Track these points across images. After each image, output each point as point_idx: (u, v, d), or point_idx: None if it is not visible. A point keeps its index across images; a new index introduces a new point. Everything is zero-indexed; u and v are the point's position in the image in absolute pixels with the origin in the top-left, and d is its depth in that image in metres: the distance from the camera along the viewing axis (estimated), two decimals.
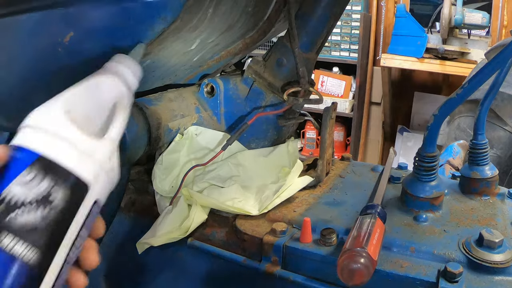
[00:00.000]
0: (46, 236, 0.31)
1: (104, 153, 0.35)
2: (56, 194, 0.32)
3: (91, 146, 0.35)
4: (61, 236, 0.32)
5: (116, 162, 0.37)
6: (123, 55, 0.43)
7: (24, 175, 0.31)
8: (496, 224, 0.61)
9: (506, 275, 0.51)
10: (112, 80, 0.39)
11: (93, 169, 0.34)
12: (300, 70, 0.71)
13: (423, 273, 0.52)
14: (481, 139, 0.71)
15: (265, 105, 0.75)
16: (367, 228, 0.52)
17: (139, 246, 0.66)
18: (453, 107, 0.59)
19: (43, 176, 0.32)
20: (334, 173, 0.82)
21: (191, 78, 0.80)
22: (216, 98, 0.76)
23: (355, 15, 2.84)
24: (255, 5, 0.65)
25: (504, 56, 0.51)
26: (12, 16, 0.47)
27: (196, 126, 0.75)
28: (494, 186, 0.70)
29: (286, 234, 0.60)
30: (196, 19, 0.54)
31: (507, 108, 1.44)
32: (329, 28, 0.75)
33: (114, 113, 0.38)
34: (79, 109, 0.36)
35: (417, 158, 0.64)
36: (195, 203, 0.67)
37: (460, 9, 2.26)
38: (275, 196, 0.66)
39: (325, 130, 0.73)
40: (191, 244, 0.65)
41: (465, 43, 2.42)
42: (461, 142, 1.42)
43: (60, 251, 0.32)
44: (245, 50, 0.76)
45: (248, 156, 0.77)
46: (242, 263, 0.62)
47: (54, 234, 0.32)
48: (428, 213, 0.63)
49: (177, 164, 0.73)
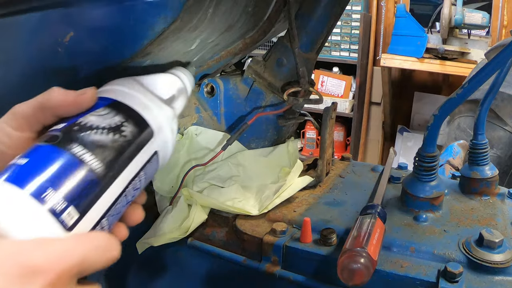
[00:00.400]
0: (112, 155, 0.34)
1: (167, 114, 0.41)
2: (126, 128, 0.36)
3: (159, 105, 0.40)
4: (124, 164, 0.35)
5: (175, 128, 0.42)
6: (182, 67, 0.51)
7: (100, 110, 0.36)
8: (496, 224, 0.61)
9: (506, 275, 0.51)
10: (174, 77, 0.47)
11: (158, 121, 0.39)
12: (300, 70, 0.71)
13: (423, 273, 0.52)
14: (481, 139, 0.71)
15: (265, 105, 0.75)
16: (367, 228, 0.52)
17: (139, 246, 0.66)
18: (453, 107, 0.59)
19: (116, 113, 0.37)
20: (334, 173, 0.82)
21: None
22: (216, 98, 0.76)
23: (355, 15, 2.84)
24: (255, 5, 0.65)
25: (504, 56, 0.51)
26: (12, 16, 0.46)
27: (196, 126, 0.75)
28: (494, 186, 0.70)
29: (286, 234, 0.60)
30: (196, 19, 0.54)
31: (507, 108, 1.44)
32: (329, 28, 0.75)
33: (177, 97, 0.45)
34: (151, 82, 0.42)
35: (417, 158, 0.64)
36: (195, 203, 0.67)
37: (460, 9, 2.26)
38: (275, 196, 0.66)
39: (325, 130, 0.73)
40: (191, 244, 0.65)
41: (465, 43, 2.42)
42: (461, 142, 1.42)
43: (121, 179, 0.35)
44: (245, 50, 0.75)
45: (248, 156, 0.77)
46: (242, 263, 0.62)
47: (119, 159, 0.35)
48: (428, 213, 0.63)
49: (177, 164, 0.73)
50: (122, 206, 0.36)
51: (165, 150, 0.41)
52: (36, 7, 0.45)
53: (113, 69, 0.51)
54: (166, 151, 0.41)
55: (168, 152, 0.42)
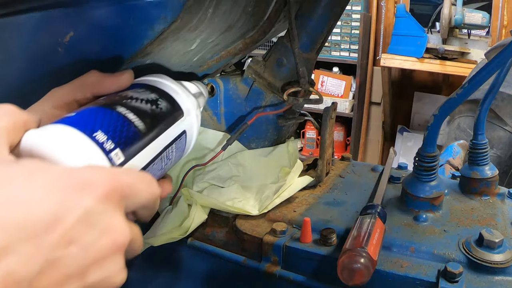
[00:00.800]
0: (151, 119, 0.38)
1: (194, 103, 0.45)
2: (161, 103, 0.41)
3: (187, 94, 0.45)
4: (160, 130, 0.39)
5: (199, 118, 0.46)
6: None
7: (136, 89, 0.41)
8: (496, 224, 0.61)
9: (506, 275, 0.51)
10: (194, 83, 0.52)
11: (186, 105, 0.44)
12: (300, 70, 0.71)
13: (423, 273, 0.52)
14: (481, 139, 0.71)
15: (265, 105, 0.75)
16: (367, 228, 0.52)
17: None
18: (453, 107, 0.59)
19: (151, 92, 0.41)
20: (334, 173, 0.82)
21: None
22: (216, 98, 0.76)
23: (355, 15, 2.84)
24: (255, 5, 0.65)
25: (504, 56, 0.51)
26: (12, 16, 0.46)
27: None
28: (494, 186, 0.70)
29: (286, 234, 0.60)
30: (196, 19, 0.54)
31: (507, 108, 1.44)
32: (329, 28, 0.75)
33: (199, 96, 0.50)
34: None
35: (417, 158, 0.64)
36: (195, 203, 0.67)
37: (460, 9, 2.26)
38: (275, 196, 0.66)
39: (325, 130, 0.73)
40: (191, 244, 0.65)
41: (465, 43, 2.42)
42: (461, 142, 1.42)
43: (158, 141, 0.38)
44: (245, 50, 0.75)
45: (248, 156, 0.77)
46: (242, 263, 0.62)
47: (157, 124, 0.39)
48: (428, 213, 0.63)
49: (177, 164, 0.73)
50: (158, 170, 0.39)
51: (191, 133, 0.45)
52: (36, 7, 0.45)
53: (113, 69, 0.51)
54: (192, 134, 0.45)
55: (193, 138, 0.46)
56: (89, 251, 0.25)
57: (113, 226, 0.27)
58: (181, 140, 0.43)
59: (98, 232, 0.26)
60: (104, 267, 0.26)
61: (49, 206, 0.24)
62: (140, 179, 0.31)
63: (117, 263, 0.27)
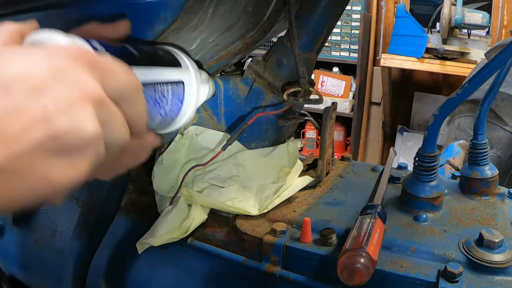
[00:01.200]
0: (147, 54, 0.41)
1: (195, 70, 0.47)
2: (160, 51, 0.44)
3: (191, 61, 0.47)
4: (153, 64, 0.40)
5: (200, 88, 0.48)
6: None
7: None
8: (496, 224, 0.61)
9: (506, 275, 0.51)
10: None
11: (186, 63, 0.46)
12: (300, 70, 0.71)
13: (423, 273, 0.52)
14: (481, 139, 0.71)
15: (265, 105, 0.75)
16: (367, 228, 0.52)
17: (139, 246, 0.66)
18: (453, 107, 0.59)
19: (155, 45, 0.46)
20: (334, 173, 0.82)
21: None
22: (216, 98, 0.76)
23: (355, 15, 2.84)
24: (255, 5, 0.65)
25: (504, 56, 0.51)
26: (12, 16, 0.47)
27: (196, 126, 0.75)
28: (494, 186, 0.70)
29: (286, 234, 0.60)
30: (196, 19, 0.54)
31: (507, 108, 1.44)
32: (329, 28, 0.75)
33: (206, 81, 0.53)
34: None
35: (417, 158, 0.64)
36: (195, 203, 0.67)
37: (460, 9, 2.27)
38: (275, 196, 0.66)
39: (325, 130, 0.73)
40: (191, 244, 0.65)
41: (465, 43, 2.42)
42: (461, 142, 1.42)
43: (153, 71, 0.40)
44: (245, 50, 0.75)
45: (248, 156, 0.77)
46: (242, 263, 0.62)
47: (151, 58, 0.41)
48: (428, 213, 0.63)
49: (177, 164, 0.73)
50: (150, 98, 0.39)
51: (190, 91, 0.46)
52: (36, 7, 0.45)
53: None
54: (191, 93, 0.46)
55: (192, 97, 0.46)
56: (57, 100, 0.26)
57: (81, 79, 0.28)
58: (178, 87, 0.44)
59: (66, 84, 0.27)
60: (71, 115, 0.27)
61: (20, 65, 0.26)
62: (116, 63, 0.32)
63: (86, 112, 0.28)
